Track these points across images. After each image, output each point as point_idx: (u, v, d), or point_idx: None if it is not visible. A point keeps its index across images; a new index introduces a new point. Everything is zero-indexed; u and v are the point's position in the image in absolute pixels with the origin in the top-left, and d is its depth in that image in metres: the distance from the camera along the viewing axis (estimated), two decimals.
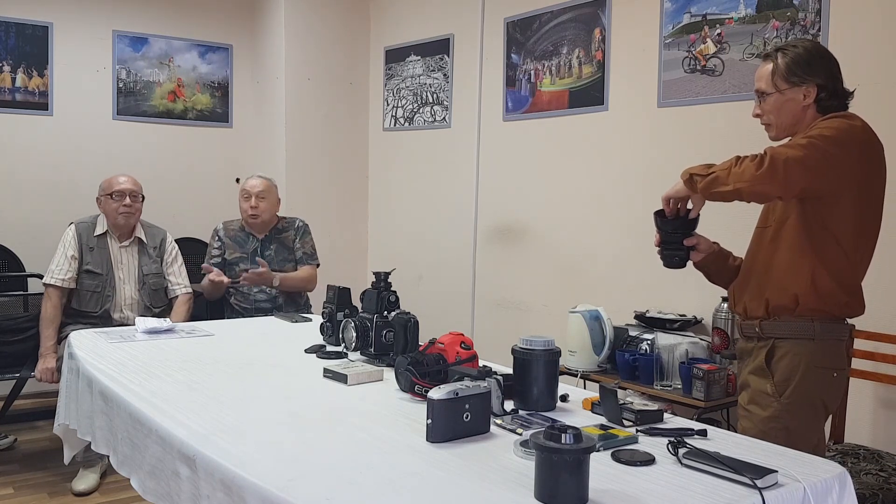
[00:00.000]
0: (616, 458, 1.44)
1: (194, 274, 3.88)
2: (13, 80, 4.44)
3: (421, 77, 4.79)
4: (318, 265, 3.84)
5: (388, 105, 5.07)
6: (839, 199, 1.88)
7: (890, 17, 2.74)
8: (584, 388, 2.68)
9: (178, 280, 3.66)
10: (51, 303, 3.42)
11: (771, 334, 1.98)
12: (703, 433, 1.61)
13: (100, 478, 3.27)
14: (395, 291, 2.27)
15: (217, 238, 3.79)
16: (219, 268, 3.75)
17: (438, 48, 4.65)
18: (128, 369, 2.12)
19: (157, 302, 3.60)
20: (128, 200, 3.53)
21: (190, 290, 3.68)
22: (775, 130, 2.04)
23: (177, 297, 3.64)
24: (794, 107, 1.97)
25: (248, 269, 3.68)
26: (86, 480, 3.23)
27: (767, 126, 2.05)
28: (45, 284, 3.44)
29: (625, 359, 2.96)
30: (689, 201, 2.01)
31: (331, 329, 2.43)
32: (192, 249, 4.40)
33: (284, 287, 3.67)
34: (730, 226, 2.64)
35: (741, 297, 2.08)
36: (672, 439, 1.49)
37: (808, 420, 1.93)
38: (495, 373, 1.73)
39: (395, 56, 4.99)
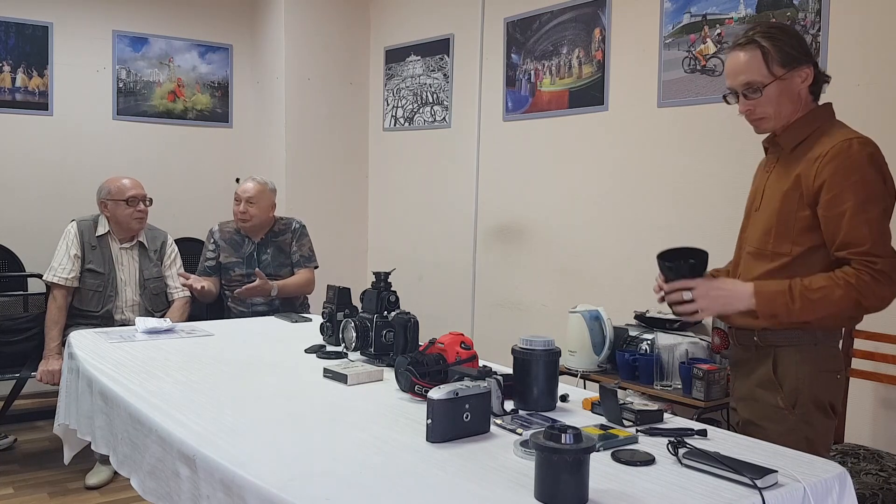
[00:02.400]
0: (616, 458, 1.44)
1: (193, 274, 3.87)
2: (13, 80, 4.44)
3: (421, 77, 4.79)
4: (316, 267, 3.81)
5: (388, 105, 5.07)
6: None
7: (890, 17, 2.74)
8: (584, 388, 2.68)
9: (176, 284, 3.66)
10: (56, 304, 3.42)
11: (771, 343, 1.86)
12: (703, 433, 1.61)
13: (114, 473, 3.28)
14: (395, 291, 2.27)
15: (212, 241, 3.76)
16: (213, 271, 3.73)
17: (438, 48, 4.65)
18: (128, 369, 2.12)
19: (159, 306, 3.60)
20: (141, 206, 3.53)
21: (188, 293, 3.67)
22: (774, 121, 1.86)
23: (174, 300, 3.65)
24: (793, 92, 1.83)
25: (243, 274, 3.67)
26: (98, 475, 3.27)
27: (761, 120, 1.88)
28: (47, 282, 3.44)
29: (625, 359, 2.96)
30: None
31: (331, 329, 2.43)
32: (192, 249, 4.39)
33: (282, 294, 3.65)
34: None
35: (728, 315, 1.92)
36: (672, 439, 1.49)
37: (823, 426, 1.85)
38: (495, 373, 1.73)
39: (395, 56, 4.99)
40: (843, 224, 1.71)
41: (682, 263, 1.82)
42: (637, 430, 1.59)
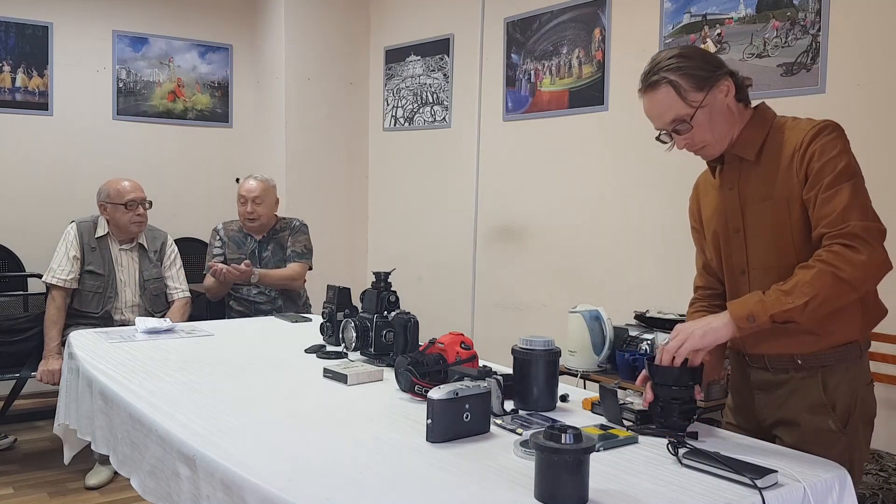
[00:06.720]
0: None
1: (194, 275, 3.87)
2: (13, 80, 4.45)
3: (421, 77, 4.79)
4: (310, 266, 3.79)
5: (388, 105, 5.07)
6: None
7: (890, 17, 2.74)
8: (584, 388, 2.68)
9: (176, 284, 3.66)
10: (55, 304, 3.42)
11: (816, 364, 1.71)
12: (693, 435, 1.60)
13: (114, 474, 3.28)
14: (395, 291, 2.27)
15: (217, 237, 3.79)
16: None
17: (438, 48, 4.65)
18: (128, 369, 2.12)
19: (159, 306, 3.60)
20: (140, 210, 3.53)
21: (188, 294, 3.67)
22: (717, 145, 1.75)
23: (175, 300, 3.64)
24: (722, 109, 1.72)
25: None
26: (98, 475, 3.27)
27: (703, 149, 1.76)
28: (47, 284, 3.44)
29: (625, 359, 2.96)
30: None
31: (331, 329, 2.43)
32: (192, 249, 4.40)
33: (266, 283, 3.63)
34: None
35: (756, 345, 1.76)
36: (672, 439, 1.49)
37: (867, 441, 1.79)
38: (495, 373, 1.72)
39: (395, 56, 4.99)
40: (818, 200, 1.62)
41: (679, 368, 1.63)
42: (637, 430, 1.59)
